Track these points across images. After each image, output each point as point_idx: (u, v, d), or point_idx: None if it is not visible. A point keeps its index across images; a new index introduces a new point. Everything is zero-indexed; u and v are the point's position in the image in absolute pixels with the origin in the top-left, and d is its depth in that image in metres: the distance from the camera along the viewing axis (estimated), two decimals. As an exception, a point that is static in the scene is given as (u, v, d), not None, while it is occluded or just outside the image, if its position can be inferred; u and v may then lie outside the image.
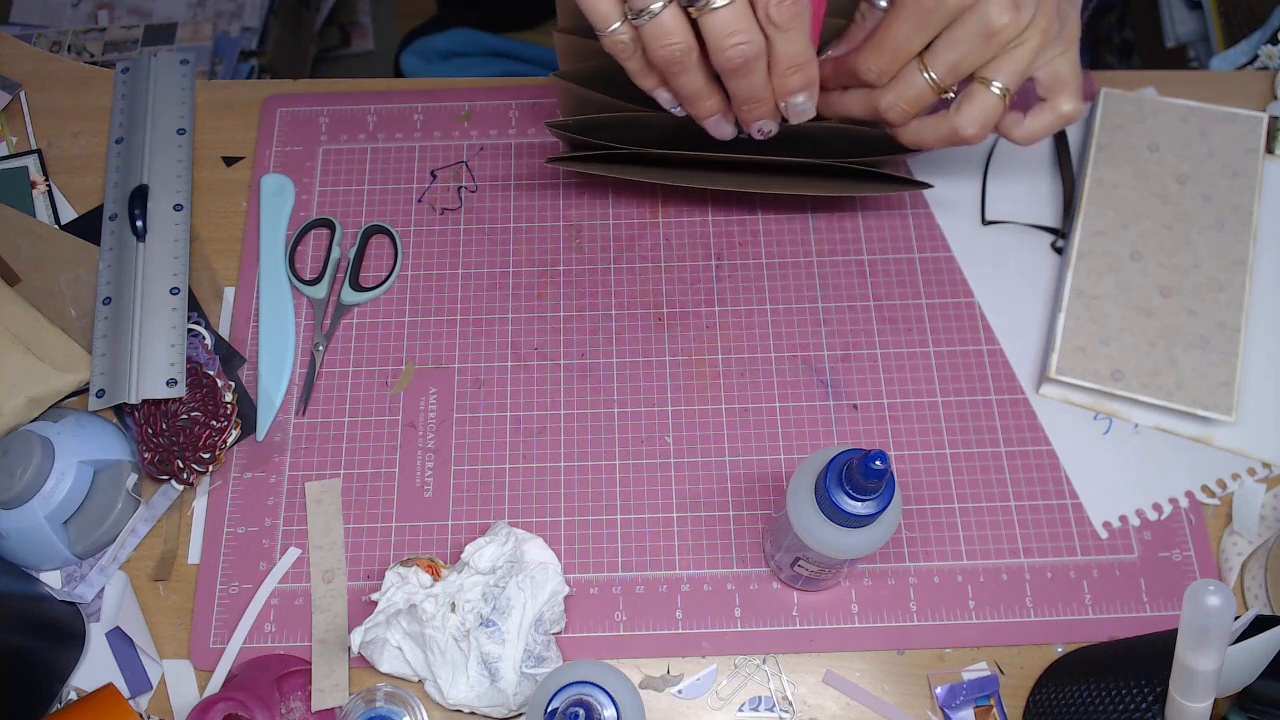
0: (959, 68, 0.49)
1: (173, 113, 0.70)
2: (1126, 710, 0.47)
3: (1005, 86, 0.50)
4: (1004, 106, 0.50)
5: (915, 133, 0.53)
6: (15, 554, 0.58)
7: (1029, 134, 0.54)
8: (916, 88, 0.50)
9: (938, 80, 0.50)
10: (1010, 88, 0.50)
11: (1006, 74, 0.49)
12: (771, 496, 0.60)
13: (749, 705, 0.56)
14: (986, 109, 0.50)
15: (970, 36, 0.48)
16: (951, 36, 0.48)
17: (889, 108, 0.52)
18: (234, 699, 0.51)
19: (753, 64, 0.47)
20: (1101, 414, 0.62)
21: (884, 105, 0.52)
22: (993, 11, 0.47)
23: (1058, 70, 0.52)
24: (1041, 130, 0.54)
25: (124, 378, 0.60)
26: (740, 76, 0.48)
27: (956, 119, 0.51)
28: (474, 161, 0.70)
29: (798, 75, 0.48)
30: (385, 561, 0.59)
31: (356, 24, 1.71)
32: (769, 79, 0.49)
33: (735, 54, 0.46)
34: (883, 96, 0.52)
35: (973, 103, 0.51)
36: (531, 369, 0.64)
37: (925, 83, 0.50)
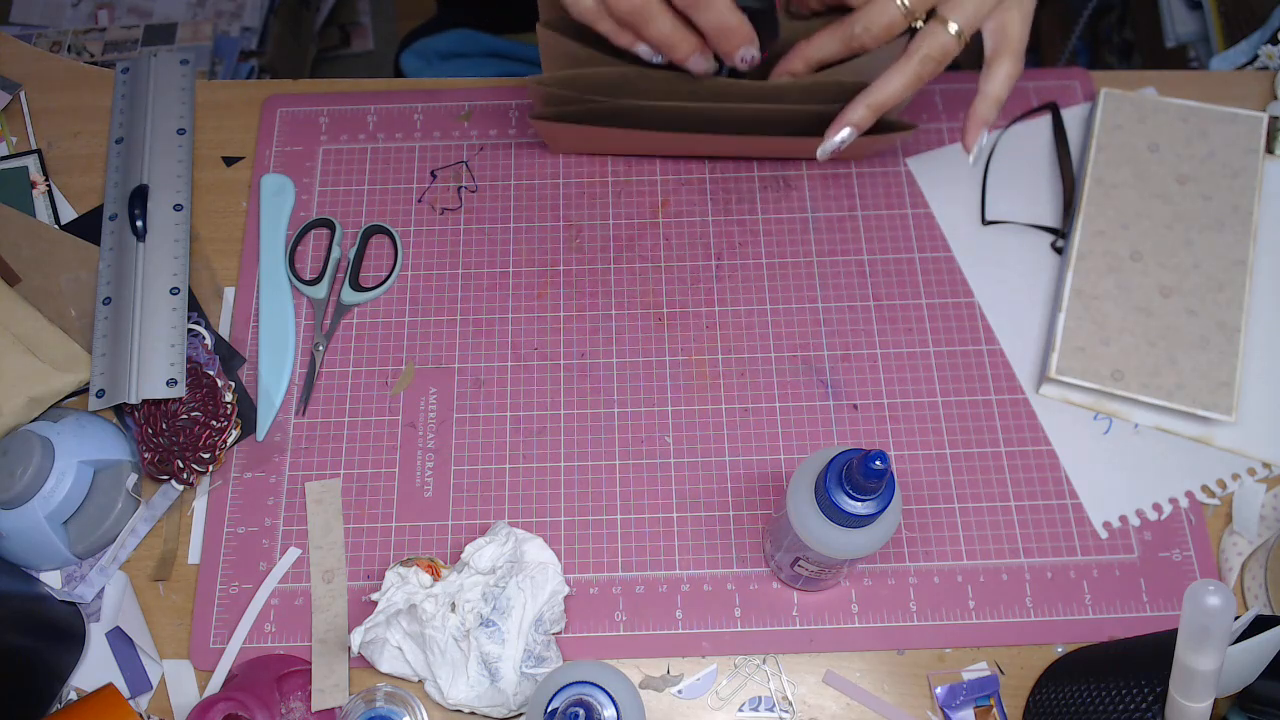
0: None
1: (173, 113, 0.70)
2: (1126, 710, 0.47)
3: (960, 29, 0.51)
4: (959, 46, 0.52)
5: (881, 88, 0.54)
6: (15, 554, 0.58)
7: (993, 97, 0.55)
8: (888, 13, 0.51)
9: (909, 6, 0.51)
10: (965, 30, 0.51)
11: (965, 14, 0.51)
12: (771, 496, 0.60)
13: (749, 705, 0.56)
14: (945, 45, 0.52)
15: None
16: None
17: (861, 31, 0.53)
18: (234, 699, 0.51)
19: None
20: (1101, 414, 0.62)
21: (857, 29, 0.53)
22: None
23: (1006, 23, 0.53)
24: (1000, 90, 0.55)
25: (124, 378, 0.60)
26: (702, 10, 0.49)
27: (918, 53, 0.53)
28: (474, 161, 0.70)
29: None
30: (385, 561, 0.59)
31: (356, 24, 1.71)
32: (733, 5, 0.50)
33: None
34: (856, 22, 0.53)
35: (932, 38, 0.52)
36: (531, 369, 0.64)
37: (897, 8, 0.51)
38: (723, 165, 0.69)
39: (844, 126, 0.56)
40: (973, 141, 0.56)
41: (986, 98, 0.55)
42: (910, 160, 0.69)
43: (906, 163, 0.69)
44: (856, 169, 0.68)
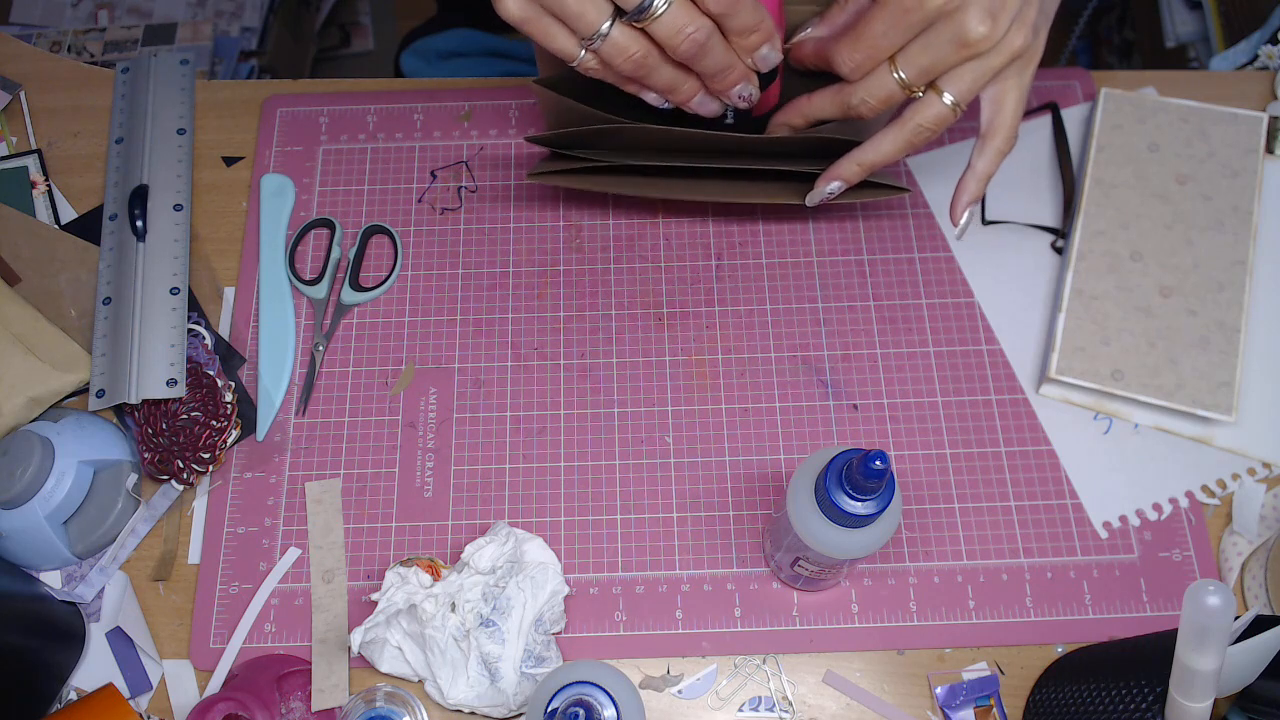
0: (929, 71, 0.50)
1: (173, 113, 0.70)
2: (1126, 710, 0.47)
3: (956, 100, 0.51)
4: (954, 116, 0.52)
5: (875, 148, 0.54)
6: (15, 554, 0.58)
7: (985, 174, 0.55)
8: (886, 87, 0.51)
9: (907, 81, 0.51)
10: (961, 102, 0.51)
11: (960, 88, 0.51)
12: (771, 496, 0.60)
13: (749, 705, 0.56)
14: (939, 118, 0.52)
15: (944, 43, 0.49)
16: (926, 40, 0.49)
17: (859, 103, 0.53)
18: (234, 699, 0.51)
19: (707, 47, 0.49)
20: (1101, 414, 0.62)
21: (854, 101, 0.53)
22: (971, 21, 0.48)
23: (1003, 96, 0.53)
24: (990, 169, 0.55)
25: (124, 378, 0.60)
26: (700, 59, 0.50)
27: (911, 124, 0.53)
28: (474, 161, 0.70)
29: (754, 36, 0.50)
30: (385, 561, 0.59)
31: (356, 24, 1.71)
32: (729, 48, 0.50)
33: (689, 46, 0.48)
34: (854, 93, 0.53)
35: (926, 111, 0.52)
36: (531, 369, 0.64)
37: (895, 82, 0.51)
38: (723, 165, 0.69)
39: (834, 179, 0.56)
40: (959, 216, 0.56)
41: (976, 174, 0.55)
42: (910, 160, 0.69)
43: (906, 163, 0.69)
44: (856, 169, 0.68)
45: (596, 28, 0.48)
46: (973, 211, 0.56)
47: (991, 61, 0.50)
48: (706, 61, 0.50)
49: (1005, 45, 0.49)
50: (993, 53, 0.50)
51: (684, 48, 0.48)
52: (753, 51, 0.51)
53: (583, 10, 0.47)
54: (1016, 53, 0.50)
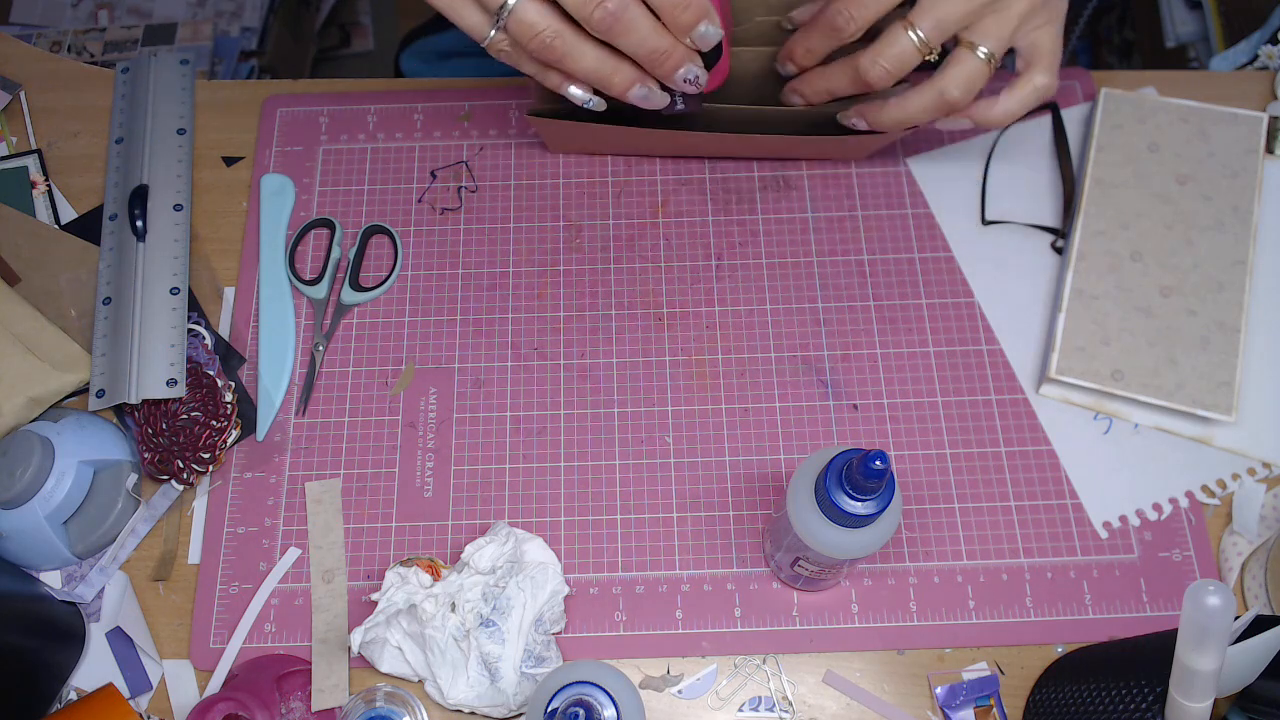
0: (945, 24, 0.47)
1: (173, 113, 0.70)
2: (1126, 710, 0.47)
3: (990, 51, 0.48)
4: (989, 71, 0.49)
5: (900, 105, 0.51)
6: (15, 554, 0.58)
7: (1006, 113, 0.52)
8: (900, 46, 0.48)
9: (924, 38, 0.48)
10: (995, 53, 0.48)
11: (993, 38, 0.48)
12: (771, 496, 0.60)
13: (749, 705, 0.56)
14: (972, 73, 0.49)
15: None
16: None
17: (871, 66, 0.49)
18: (234, 699, 0.51)
19: (627, 17, 0.45)
20: (1101, 414, 0.62)
21: (865, 64, 0.49)
22: None
23: (1038, 41, 0.50)
24: (1018, 107, 0.52)
25: (124, 378, 0.60)
26: (623, 35, 0.46)
27: (942, 82, 0.49)
28: (474, 161, 0.70)
29: (686, 14, 0.46)
30: (385, 561, 0.59)
31: (356, 24, 1.71)
32: (660, 27, 0.46)
33: (602, 15, 0.44)
34: (866, 56, 0.49)
35: (959, 66, 0.49)
36: (531, 369, 0.64)
37: (910, 41, 0.48)
38: (723, 165, 0.69)
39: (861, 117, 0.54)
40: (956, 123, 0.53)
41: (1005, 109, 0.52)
42: (910, 160, 0.69)
43: (906, 163, 0.69)
44: (856, 169, 0.68)
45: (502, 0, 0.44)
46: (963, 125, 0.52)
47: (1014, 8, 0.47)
48: (632, 39, 0.46)
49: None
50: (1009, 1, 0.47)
51: (598, 16, 0.44)
52: (689, 30, 0.46)
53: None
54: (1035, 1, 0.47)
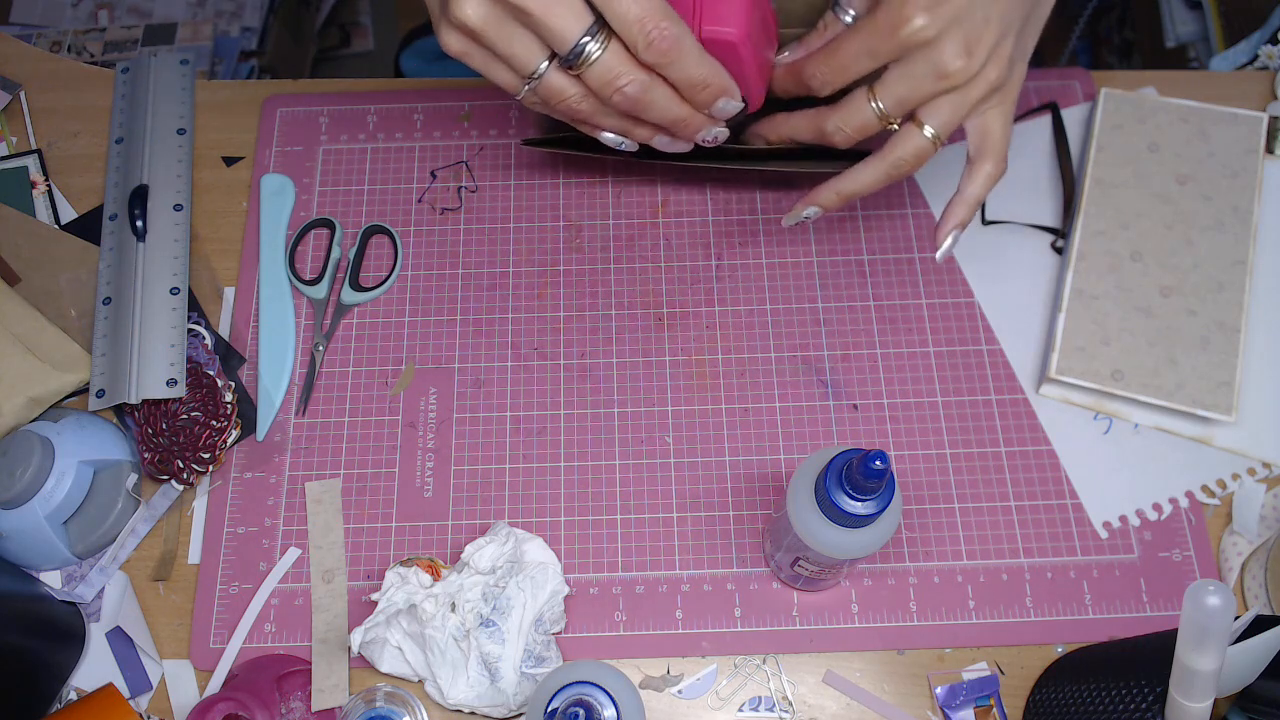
0: (906, 102, 0.50)
1: (173, 113, 0.70)
2: (1126, 710, 0.47)
3: (936, 133, 0.51)
4: (935, 149, 0.51)
5: (852, 178, 0.54)
6: (15, 554, 0.58)
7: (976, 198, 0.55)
8: (863, 115, 0.51)
9: (885, 111, 0.50)
10: (941, 135, 0.51)
11: (940, 120, 0.50)
12: (771, 496, 0.60)
13: (749, 705, 0.56)
14: (919, 151, 0.51)
15: (921, 74, 0.48)
16: (903, 70, 0.49)
17: (834, 130, 0.52)
18: (234, 699, 0.51)
19: (646, 99, 0.48)
20: (1101, 414, 0.62)
21: (830, 128, 0.52)
22: (947, 54, 0.47)
23: (988, 126, 0.53)
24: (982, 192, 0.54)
25: (124, 378, 0.60)
26: (643, 111, 0.49)
27: (890, 158, 0.52)
28: (474, 161, 0.70)
29: (706, 92, 0.49)
30: (385, 561, 0.59)
31: (356, 24, 1.71)
32: (678, 99, 0.49)
33: (622, 99, 0.47)
34: (829, 119, 0.52)
35: (905, 144, 0.51)
36: (531, 369, 0.64)
37: (872, 112, 0.51)
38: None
39: (811, 204, 0.56)
40: (942, 240, 0.55)
41: (965, 199, 0.54)
42: (910, 160, 0.69)
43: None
44: (856, 169, 0.68)
45: (533, 69, 0.47)
46: (956, 238, 0.55)
47: (970, 94, 0.50)
48: (653, 114, 0.49)
49: (982, 78, 0.49)
50: (970, 85, 0.49)
51: (616, 100, 0.47)
52: (708, 106, 0.50)
53: (513, 52, 0.46)
54: (994, 85, 0.50)
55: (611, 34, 0.45)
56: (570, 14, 0.44)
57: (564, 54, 0.45)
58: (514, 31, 0.45)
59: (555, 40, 0.45)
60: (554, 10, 0.44)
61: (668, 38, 0.45)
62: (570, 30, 0.44)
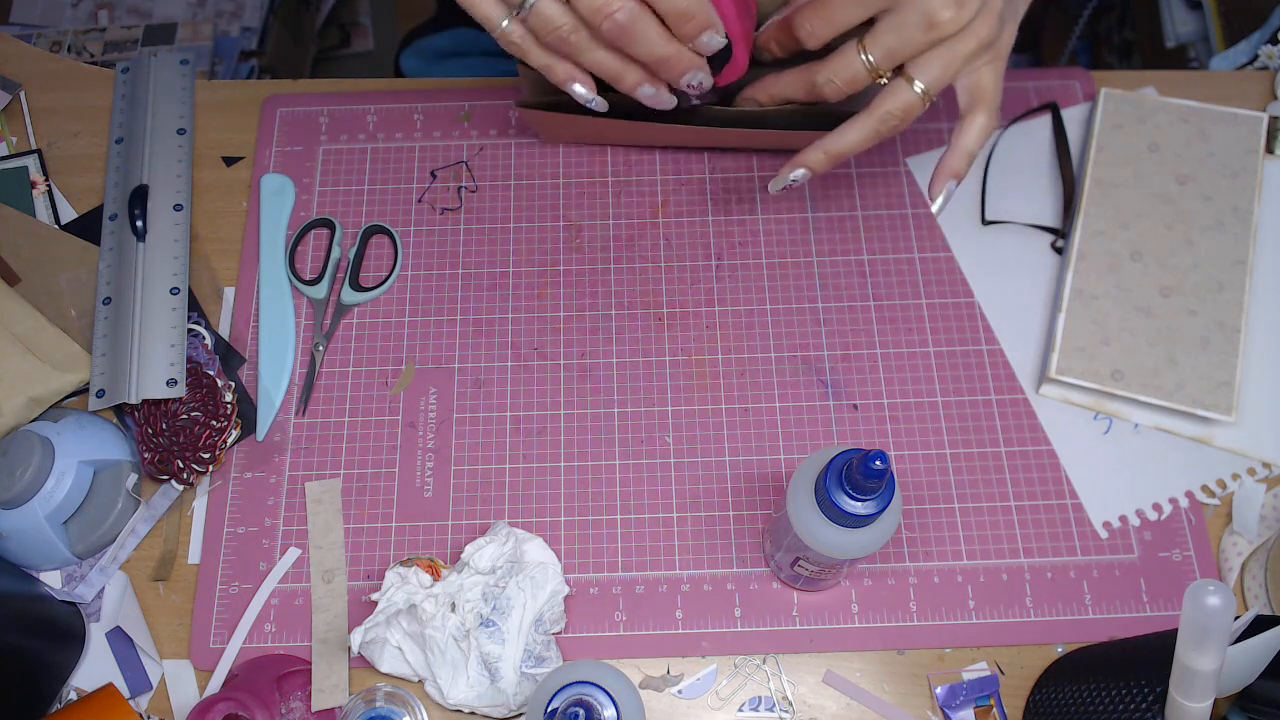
0: (895, 54, 0.50)
1: (173, 113, 0.70)
2: (1126, 710, 0.47)
3: (926, 88, 0.50)
4: (924, 105, 0.51)
5: (839, 137, 0.53)
6: (15, 554, 0.58)
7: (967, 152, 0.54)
8: (853, 68, 0.51)
9: (874, 64, 0.50)
10: (931, 89, 0.50)
11: (931, 75, 0.50)
12: (771, 496, 0.60)
13: (749, 705, 0.56)
14: (908, 105, 0.51)
15: (911, 25, 0.48)
16: (893, 21, 0.49)
17: (825, 83, 0.52)
18: (234, 699, 0.51)
19: (635, 29, 0.47)
20: (1101, 414, 0.62)
21: (820, 80, 0.52)
22: (937, 4, 0.47)
23: (980, 80, 0.52)
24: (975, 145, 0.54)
25: (124, 378, 0.60)
26: (630, 44, 0.48)
27: (879, 113, 0.52)
28: (474, 161, 0.70)
29: (691, 24, 0.48)
30: (385, 561, 0.59)
31: (356, 24, 1.71)
32: (668, 34, 0.49)
33: (610, 26, 0.47)
34: (820, 72, 0.52)
35: (895, 97, 0.51)
36: (531, 369, 0.64)
37: (862, 64, 0.50)
38: (723, 165, 0.69)
39: (799, 166, 0.55)
40: (938, 191, 0.54)
41: (958, 150, 0.54)
42: (910, 160, 0.69)
43: (906, 163, 0.69)
44: (856, 169, 0.68)
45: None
46: (950, 189, 0.54)
47: (959, 48, 0.49)
48: (640, 47, 0.48)
49: (972, 31, 0.49)
50: (959, 38, 0.49)
51: (606, 27, 0.47)
52: (693, 39, 0.49)
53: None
54: (984, 41, 0.49)
55: None
56: None
57: None
58: None
59: None
60: None
61: None
62: None
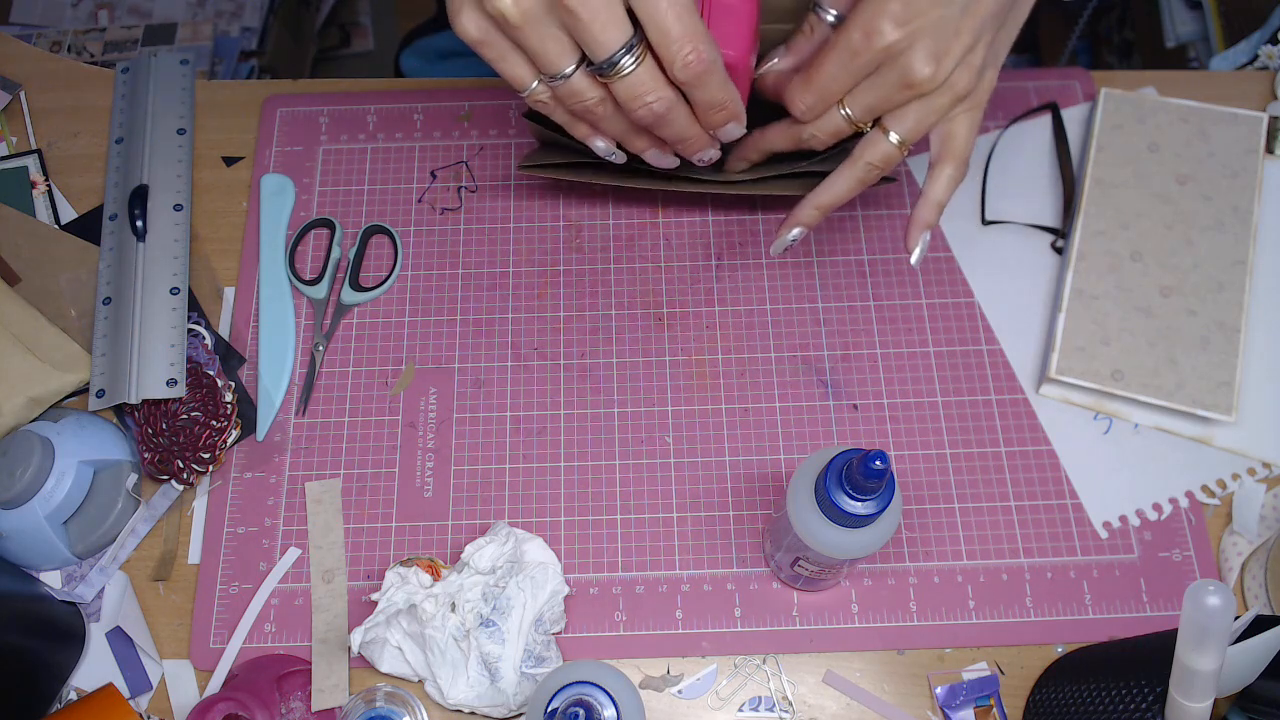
0: (874, 109, 0.51)
1: (173, 113, 0.70)
2: (1126, 710, 0.47)
3: (902, 139, 0.52)
4: (901, 155, 0.52)
5: (827, 189, 0.55)
6: (15, 554, 0.58)
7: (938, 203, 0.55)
8: (834, 123, 0.52)
9: (854, 118, 0.52)
10: (907, 140, 0.52)
11: (906, 127, 0.51)
12: (771, 496, 0.60)
13: (749, 705, 0.56)
14: (886, 156, 0.52)
15: (889, 83, 0.49)
16: (872, 80, 0.50)
17: (809, 137, 0.54)
18: (234, 699, 0.51)
19: (669, 117, 0.48)
20: (1101, 414, 0.62)
21: (805, 136, 0.54)
22: (916, 62, 0.48)
23: (953, 130, 0.53)
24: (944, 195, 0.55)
25: (124, 378, 0.60)
26: (660, 128, 0.50)
27: (860, 163, 0.53)
28: (474, 161, 0.70)
29: (720, 114, 0.50)
30: (385, 561, 0.59)
31: (356, 24, 1.71)
32: (692, 119, 0.50)
33: (646, 113, 0.48)
34: (805, 129, 0.54)
35: (873, 149, 0.52)
36: (531, 369, 0.64)
37: (842, 119, 0.52)
38: (723, 165, 0.69)
39: (795, 226, 0.57)
40: (914, 243, 0.55)
41: (928, 201, 0.55)
42: (910, 160, 0.69)
43: (906, 163, 0.69)
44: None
45: (560, 70, 0.47)
46: (925, 240, 0.55)
47: (936, 102, 0.50)
48: (666, 130, 0.50)
49: (949, 86, 0.50)
50: (937, 93, 0.50)
51: (641, 114, 0.48)
52: (717, 128, 0.51)
53: (545, 49, 0.46)
54: (961, 94, 0.50)
55: (648, 48, 0.45)
56: (614, 24, 0.44)
57: (599, 61, 0.45)
58: (551, 30, 0.45)
59: (593, 47, 0.44)
60: (600, 17, 0.43)
61: (704, 60, 0.45)
62: (612, 41, 0.44)
